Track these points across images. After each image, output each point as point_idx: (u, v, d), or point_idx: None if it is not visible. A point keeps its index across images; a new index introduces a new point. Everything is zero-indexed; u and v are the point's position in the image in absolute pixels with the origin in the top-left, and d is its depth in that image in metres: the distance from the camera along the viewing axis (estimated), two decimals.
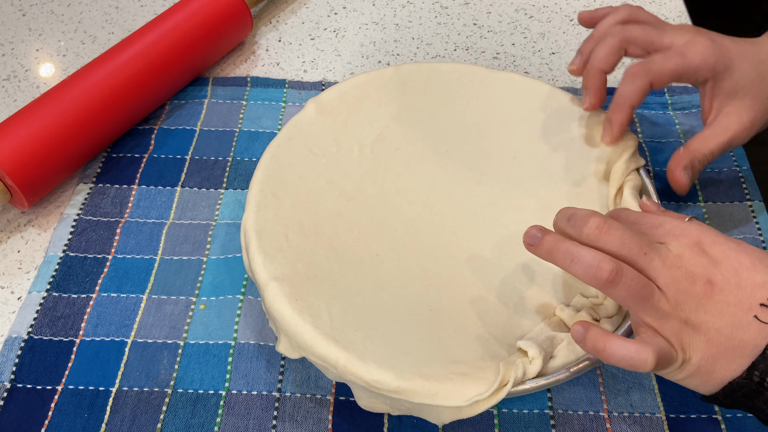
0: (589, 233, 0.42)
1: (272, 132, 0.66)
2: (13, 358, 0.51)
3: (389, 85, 0.62)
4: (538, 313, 0.49)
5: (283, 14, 0.79)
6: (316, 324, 0.46)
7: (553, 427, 0.48)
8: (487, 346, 0.47)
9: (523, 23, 0.77)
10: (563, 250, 0.42)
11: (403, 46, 0.75)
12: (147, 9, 0.79)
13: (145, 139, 0.66)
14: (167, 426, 0.48)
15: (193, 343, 0.52)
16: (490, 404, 0.43)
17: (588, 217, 0.42)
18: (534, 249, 0.44)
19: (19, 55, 0.74)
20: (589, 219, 0.42)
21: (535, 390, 0.44)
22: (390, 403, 0.45)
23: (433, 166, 0.58)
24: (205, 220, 0.60)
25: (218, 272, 0.56)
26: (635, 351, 0.39)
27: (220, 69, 0.73)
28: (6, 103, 0.70)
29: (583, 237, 0.42)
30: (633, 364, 0.39)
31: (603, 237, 0.41)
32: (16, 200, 0.59)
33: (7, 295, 0.56)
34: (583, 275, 0.41)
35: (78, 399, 0.50)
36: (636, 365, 0.39)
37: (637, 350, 0.39)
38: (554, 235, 0.43)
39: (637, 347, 0.39)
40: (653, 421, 0.49)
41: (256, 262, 0.49)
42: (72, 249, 0.57)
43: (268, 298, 0.47)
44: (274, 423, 0.49)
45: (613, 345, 0.40)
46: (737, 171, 0.62)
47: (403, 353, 0.45)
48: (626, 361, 0.40)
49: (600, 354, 0.41)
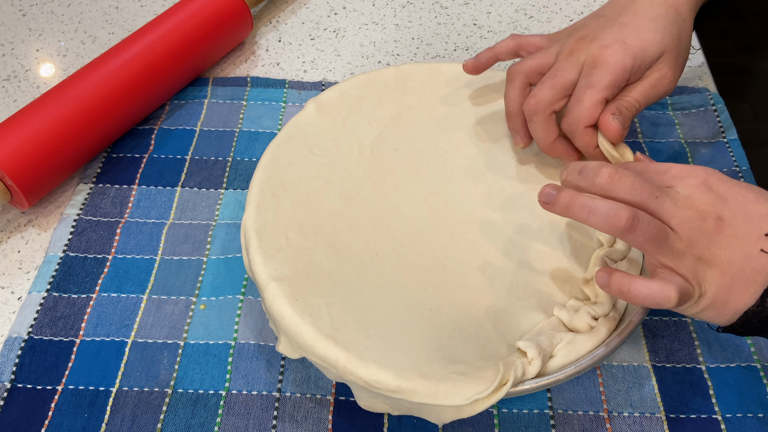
0: (602, 182, 0.44)
1: (272, 132, 0.66)
2: (14, 358, 0.51)
3: (389, 86, 0.62)
4: (537, 313, 0.49)
5: (283, 14, 0.79)
6: (316, 324, 0.46)
7: (553, 427, 0.48)
8: (486, 345, 0.47)
9: (523, 23, 0.77)
10: (579, 203, 0.43)
11: (403, 46, 0.75)
12: (147, 9, 0.79)
13: (145, 139, 0.66)
14: (167, 426, 0.48)
15: (193, 343, 0.52)
16: (490, 403, 0.43)
17: (599, 168, 0.44)
18: (551, 206, 0.45)
19: (20, 55, 0.74)
20: (600, 169, 0.44)
21: (535, 390, 0.45)
22: (390, 403, 0.45)
23: (432, 166, 0.58)
24: (205, 220, 0.60)
25: (218, 272, 0.56)
26: (659, 289, 0.41)
27: (220, 69, 0.73)
28: (6, 103, 0.70)
29: (596, 187, 0.44)
30: (658, 302, 0.41)
31: (615, 185, 0.43)
32: (16, 200, 0.59)
33: (8, 295, 0.56)
34: (602, 225, 0.42)
35: (78, 399, 0.50)
36: (661, 302, 0.41)
37: (660, 288, 0.41)
38: (569, 190, 0.44)
39: (660, 285, 0.41)
40: (653, 421, 0.49)
41: (256, 262, 0.49)
42: (72, 249, 0.57)
43: (268, 298, 0.47)
44: (274, 423, 0.49)
45: (638, 285, 0.42)
46: (737, 171, 0.62)
47: (403, 353, 0.45)
48: (651, 300, 0.41)
49: (626, 296, 0.42)
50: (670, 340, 0.52)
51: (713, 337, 0.52)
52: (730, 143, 0.64)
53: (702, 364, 0.51)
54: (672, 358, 0.51)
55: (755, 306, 0.41)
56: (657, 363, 0.51)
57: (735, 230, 0.42)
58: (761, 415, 0.48)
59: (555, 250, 0.53)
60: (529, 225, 0.55)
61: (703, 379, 0.50)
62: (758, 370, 0.50)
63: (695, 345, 0.52)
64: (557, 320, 0.49)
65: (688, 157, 0.63)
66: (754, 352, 0.51)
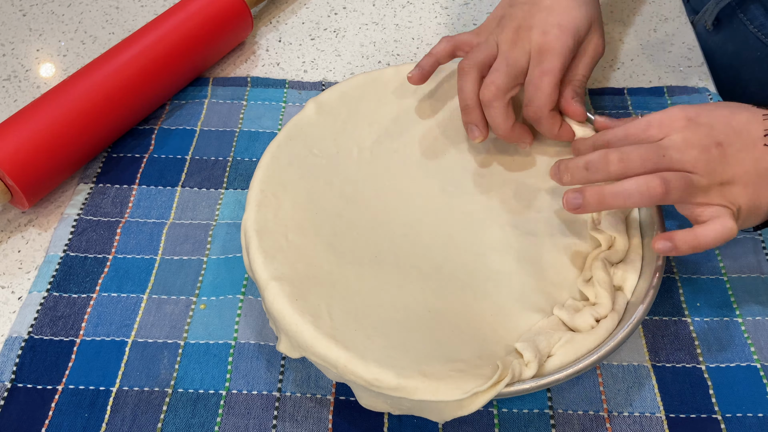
0: (616, 169, 0.47)
1: (272, 132, 0.66)
2: (14, 358, 0.51)
3: (389, 86, 0.62)
4: (535, 313, 0.50)
5: (283, 14, 0.79)
6: (317, 324, 0.46)
7: (553, 427, 0.49)
8: (484, 346, 0.47)
9: None
10: (609, 194, 0.46)
11: (403, 46, 0.75)
12: (147, 9, 0.79)
13: (146, 139, 0.66)
14: (168, 426, 0.48)
15: (193, 343, 0.52)
16: (490, 396, 0.43)
17: (605, 158, 0.47)
18: (582, 209, 0.48)
19: (20, 55, 0.74)
20: (607, 159, 0.47)
21: (535, 389, 0.45)
22: (391, 402, 0.45)
23: (432, 168, 0.58)
24: (206, 220, 0.60)
25: (218, 272, 0.56)
26: (721, 225, 0.45)
27: (221, 69, 0.73)
28: (6, 103, 0.70)
29: (613, 175, 0.47)
30: (726, 237, 0.45)
31: (628, 165, 0.46)
32: (17, 200, 0.59)
33: (8, 294, 0.56)
34: (641, 201, 0.45)
35: (78, 399, 0.50)
36: (728, 235, 0.45)
37: (721, 224, 0.45)
38: (591, 188, 0.47)
39: (718, 224, 0.45)
40: (653, 421, 0.49)
41: (257, 261, 0.49)
42: (72, 249, 0.57)
43: (269, 297, 0.47)
44: (275, 423, 0.49)
45: (702, 234, 0.45)
46: None
47: (403, 352, 0.45)
48: (721, 238, 0.45)
49: (698, 248, 0.46)
50: (670, 340, 0.52)
51: (713, 337, 0.52)
52: None
53: (702, 364, 0.51)
54: (672, 358, 0.51)
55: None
56: (657, 363, 0.51)
57: (734, 146, 0.46)
58: (761, 415, 0.49)
59: (553, 250, 0.53)
60: (527, 226, 0.55)
61: (703, 379, 0.50)
62: (758, 370, 0.51)
63: (695, 345, 0.52)
64: (557, 320, 0.49)
65: None
66: (754, 352, 0.51)
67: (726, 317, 0.53)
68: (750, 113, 0.47)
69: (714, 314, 0.53)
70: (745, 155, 0.46)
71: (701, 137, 0.46)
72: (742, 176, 0.46)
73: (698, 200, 0.47)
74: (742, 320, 0.53)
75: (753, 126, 0.47)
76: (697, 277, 0.56)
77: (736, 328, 0.53)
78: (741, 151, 0.46)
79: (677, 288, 0.55)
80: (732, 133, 0.47)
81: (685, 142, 0.46)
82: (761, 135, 0.46)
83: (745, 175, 0.46)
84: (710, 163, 0.46)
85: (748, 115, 0.47)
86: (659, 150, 0.46)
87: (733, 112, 0.48)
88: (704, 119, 0.47)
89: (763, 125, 0.47)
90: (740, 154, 0.46)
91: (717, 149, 0.46)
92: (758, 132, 0.47)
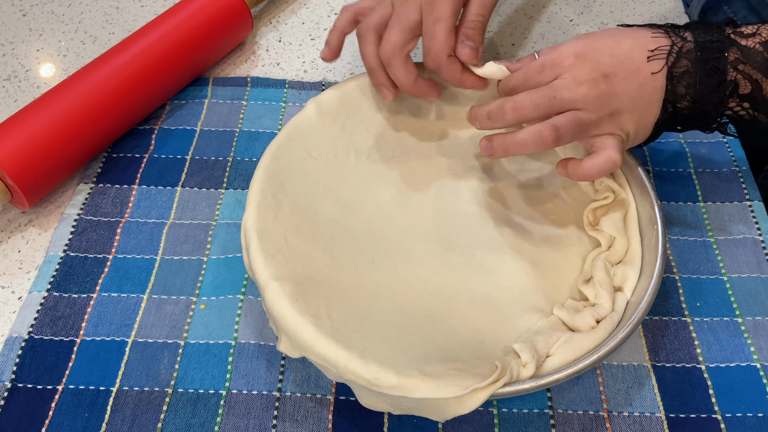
0: (510, 117, 0.50)
1: (272, 132, 0.66)
2: (14, 358, 0.51)
3: None
4: (534, 314, 0.50)
5: (284, 14, 0.79)
6: (317, 324, 0.46)
7: (553, 427, 0.49)
8: (482, 347, 0.48)
9: (523, 24, 0.77)
10: (510, 144, 0.50)
11: None
12: (147, 9, 0.79)
13: (146, 139, 0.66)
14: (168, 426, 0.48)
15: (193, 343, 0.52)
16: (489, 393, 0.43)
17: (501, 107, 0.50)
18: (493, 155, 0.52)
19: (20, 55, 0.74)
20: (503, 108, 0.50)
21: (535, 389, 0.45)
22: (391, 402, 0.45)
23: (427, 173, 0.58)
24: (206, 220, 0.60)
25: (218, 272, 0.56)
26: (604, 160, 0.49)
27: (221, 69, 0.73)
28: (6, 103, 0.70)
29: (509, 123, 0.51)
30: (609, 168, 0.49)
31: (521, 113, 0.50)
32: (17, 200, 0.59)
33: (8, 294, 0.56)
34: (536, 149, 0.49)
35: (78, 399, 0.50)
36: (610, 167, 0.49)
37: (604, 158, 0.49)
38: (497, 137, 0.51)
39: (602, 157, 0.49)
40: (653, 420, 0.49)
41: (257, 261, 0.49)
42: (72, 249, 0.57)
43: (269, 297, 0.47)
44: (275, 423, 0.49)
45: (587, 167, 0.49)
46: (737, 171, 0.62)
47: (402, 353, 0.46)
48: (604, 171, 0.49)
49: (584, 177, 0.50)
50: (670, 340, 0.52)
51: (713, 337, 0.52)
52: (730, 143, 0.64)
53: (702, 364, 0.51)
54: (672, 358, 0.51)
55: (660, 116, 0.50)
56: (657, 363, 0.51)
57: (619, 76, 0.49)
58: (761, 415, 0.49)
59: (551, 251, 0.53)
60: (525, 227, 0.55)
61: (703, 379, 0.50)
62: (758, 370, 0.51)
63: (695, 345, 0.52)
64: (557, 320, 0.49)
65: (688, 157, 0.63)
66: (754, 352, 0.51)
67: (726, 317, 0.53)
68: (632, 40, 0.50)
69: (714, 314, 0.53)
70: (630, 83, 0.49)
71: (588, 72, 0.49)
72: (628, 103, 0.49)
73: (592, 133, 0.50)
74: (742, 320, 0.53)
75: (635, 53, 0.49)
76: (697, 277, 0.56)
77: (736, 328, 0.53)
78: (626, 79, 0.49)
79: (677, 288, 0.55)
80: (616, 63, 0.49)
81: (574, 80, 0.49)
82: (644, 61, 0.49)
83: (630, 102, 0.49)
84: (599, 98, 0.49)
85: (630, 42, 0.50)
86: (550, 92, 0.49)
87: (617, 41, 0.50)
88: (590, 55, 0.49)
89: (645, 50, 0.49)
90: (625, 83, 0.49)
91: (604, 82, 0.49)
92: (641, 58, 0.49)
